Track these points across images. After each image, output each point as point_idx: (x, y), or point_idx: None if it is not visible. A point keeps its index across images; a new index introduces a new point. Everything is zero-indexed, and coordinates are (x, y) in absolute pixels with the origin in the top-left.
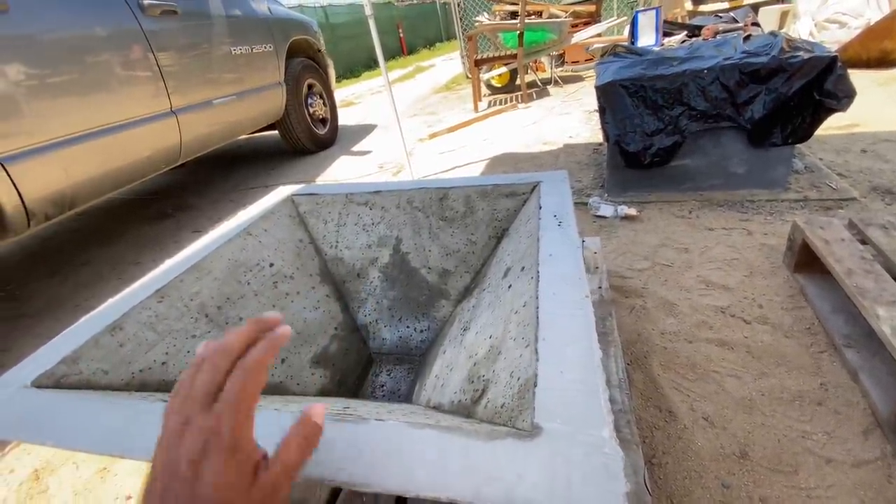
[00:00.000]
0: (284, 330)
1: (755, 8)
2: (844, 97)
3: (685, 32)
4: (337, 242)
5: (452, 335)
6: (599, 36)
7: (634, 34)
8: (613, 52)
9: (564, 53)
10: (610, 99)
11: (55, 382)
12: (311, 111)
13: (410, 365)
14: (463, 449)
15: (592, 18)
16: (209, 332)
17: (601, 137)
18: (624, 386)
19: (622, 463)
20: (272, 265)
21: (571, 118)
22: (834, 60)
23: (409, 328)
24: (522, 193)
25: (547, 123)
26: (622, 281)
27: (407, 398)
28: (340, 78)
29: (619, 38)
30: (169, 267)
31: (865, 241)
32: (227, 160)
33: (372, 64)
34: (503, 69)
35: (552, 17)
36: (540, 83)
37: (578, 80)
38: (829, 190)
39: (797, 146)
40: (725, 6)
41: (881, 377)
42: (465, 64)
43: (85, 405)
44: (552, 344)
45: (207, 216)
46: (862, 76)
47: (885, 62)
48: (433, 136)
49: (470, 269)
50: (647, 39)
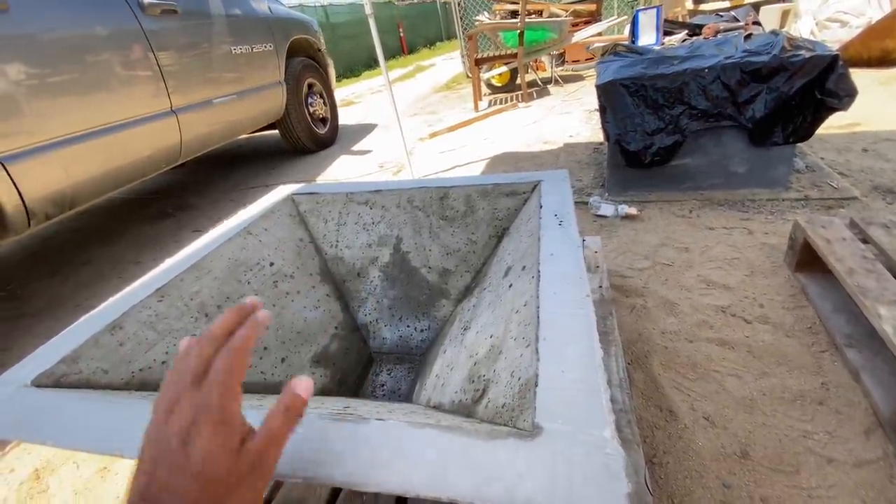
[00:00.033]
0: (264, 314)
1: (756, 7)
2: (846, 96)
3: (686, 31)
4: (337, 242)
5: (453, 335)
6: (600, 35)
7: (635, 33)
8: (614, 51)
9: (565, 52)
10: (610, 98)
11: (55, 382)
12: (311, 110)
13: (411, 364)
14: (463, 449)
15: (593, 17)
16: None
17: (602, 137)
18: (625, 385)
19: (623, 463)
20: (272, 264)
21: (572, 117)
22: (835, 59)
23: (409, 327)
24: (523, 193)
25: (547, 123)
26: (623, 280)
27: (407, 398)
28: (341, 77)
29: (619, 37)
30: (169, 266)
31: (867, 240)
32: (227, 159)
33: (372, 63)
34: (503, 68)
35: (552, 16)
36: (540, 82)
37: (579, 79)
38: (830, 189)
39: (798, 145)
40: (726, 5)
41: (883, 377)
42: (465, 63)
43: (85, 404)
44: (553, 343)
45: (208, 216)
46: (863, 75)
47: (886, 61)
48: (433, 135)
49: (470, 268)
50: (647, 38)
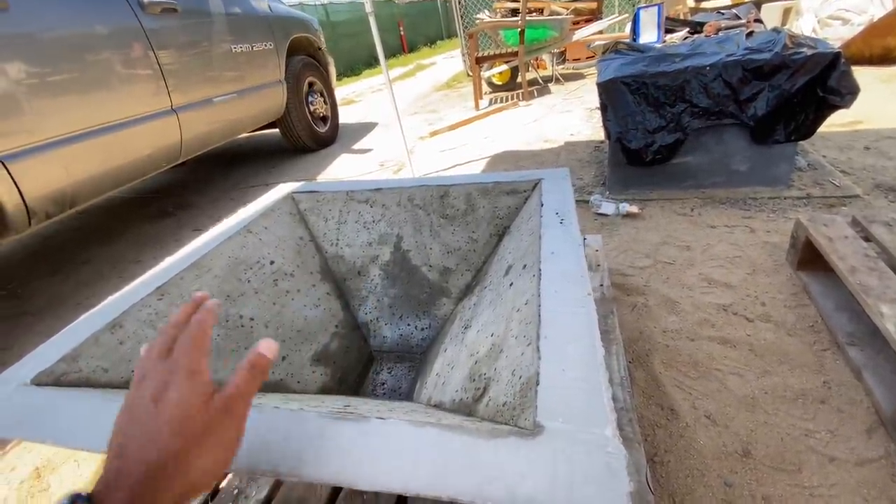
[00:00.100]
0: (213, 301)
1: (758, 4)
2: (848, 94)
3: (687, 29)
4: (337, 240)
5: (453, 333)
6: (601, 33)
7: (636, 31)
8: (615, 49)
9: (566, 51)
10: (611, 96)
11: (55, 380)
12: (311, 109)
13: (411, 363)
14: (464, 447)
15: (594, 15)
16: None
17: (603, 135)
18: (626, 384)
19: (625, 461)
20: (272, 263)
21: (573, 116)
22: (837, 57)
23: (409, 326)
24: (524, 191)
25: (548, 121)
26: (624, 279)
27: (408, 396)
28: (341, 76)
29: (620, 35)
30: (169, 264)
31: (869, 238)
32: (227, 158)
33: (373, 62)
34: (504, 67)
35: (553, 14)
36: (541, 81)
37: (580, 77)
38: (832, 187)
39: (800, 143)
40: (728, 3)
41: (885, 375)
42: (465, 62)
43: (85, 403)
44: (554, 342)
45: (208, 214)
46: (865, 73)
47: (887, 59)
48: (434, 133)
49: (471, 266)
50: (648, 36)
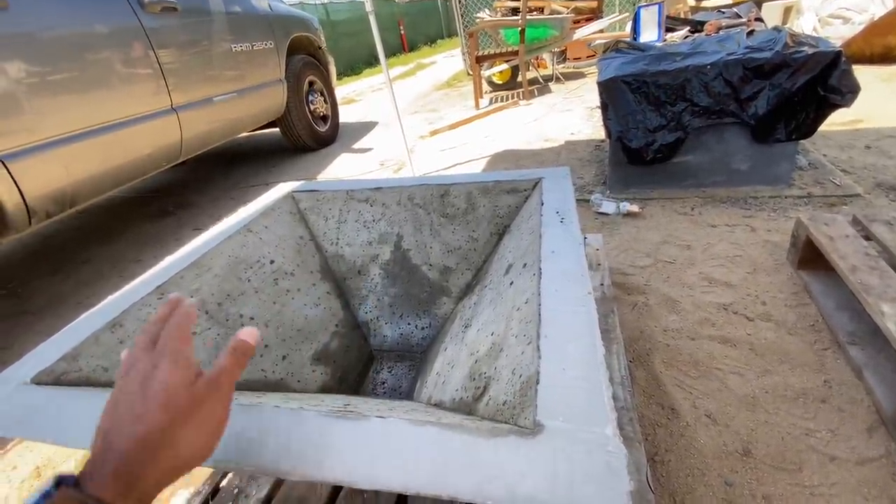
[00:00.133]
0: (190, 301)
1: (758, 3)
2: (848, 93)
3: (688, 28)
4: (338, 239)
5: (454, 332)
6: (601, 32)
7: (637, 30)
8: (616, 48)
9: (566, 50)
10: (612, 95)
11: (55, 379)
12: (312, 108)
13: (412, 362)
14: (464, 446)
15: (594, 14)
16: (209, 328)
17: (603, 134)
18: (626, 383)
19: (625, 461)
20: (273, 262)
21: (573, 115)
22: (838, 55)
23: (410, 325)
24: (524, 190)
25: (548, 120)
26: (624, 278)
27: (408, 395)
28: (341, 75)
29: (621, 34)
30: (169, 264)
31: (870, 237)
32: (227, 158)
33: (373, 61)
34: (504, 66)
35: (554, 13)
36: (541, 80)
37: (580, 76)
38: (833, 186)
39: (801, 142)
40: (728, 1)
41: (886, 374)
42: (466, 61)
43: (85, 402)
44: (554, 341)
45: (208, 214)
46: (865, 72)
47: (888, 58)
48: (434, 133)
49: (471, 266)
50: (649, 35)
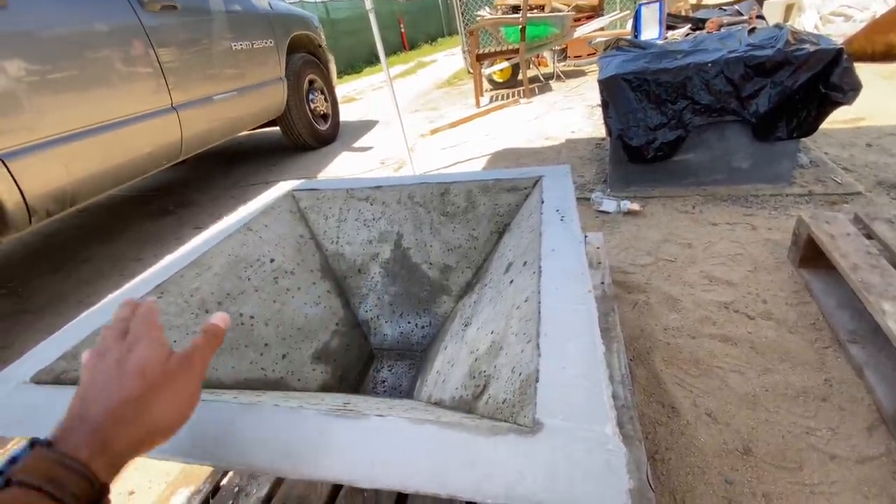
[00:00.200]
0: (151, 298)
1: (760, 1)
2: (850, 90)
3: (689, 26)
4: (338, 238)
5: (454, 331)
6: (602, 30)
7: (637, 28)
8: (616, 45)
9: (567, 48)
10: (613, 93)
11: (55, 378)
12: (312, 107)
13: (411, 361)
14: (464, 445)
15: (595, 12)
16: None
17: (604, 132)
18: (626, 382)
19: (625, 459)
20: (273, 261)
21: (574, 113)
22: (840, 53)
23: (410, 324)
24: (524, 188)
25: (549, 118)
26: (625, 276)
27: (408, 394)
28: (341, 74)
29: (622, 31)
30: (169, 262)
31: (871, 235)
32: (228, 156)
33: (373, 59)
34: (505, 64)
35: (554, 10)
36: (542, 78)
37: (581, 74)
38: (834, 184)
39: (802, 140)
40: None
41: (886, 373)
42: (466, 59)
43: None
44: (554, 339)
45: (209, 212)
46: (867, 69)
47: (890, 55)
48: (435, 131)
49: (471, 264)
50: (650, 33)
